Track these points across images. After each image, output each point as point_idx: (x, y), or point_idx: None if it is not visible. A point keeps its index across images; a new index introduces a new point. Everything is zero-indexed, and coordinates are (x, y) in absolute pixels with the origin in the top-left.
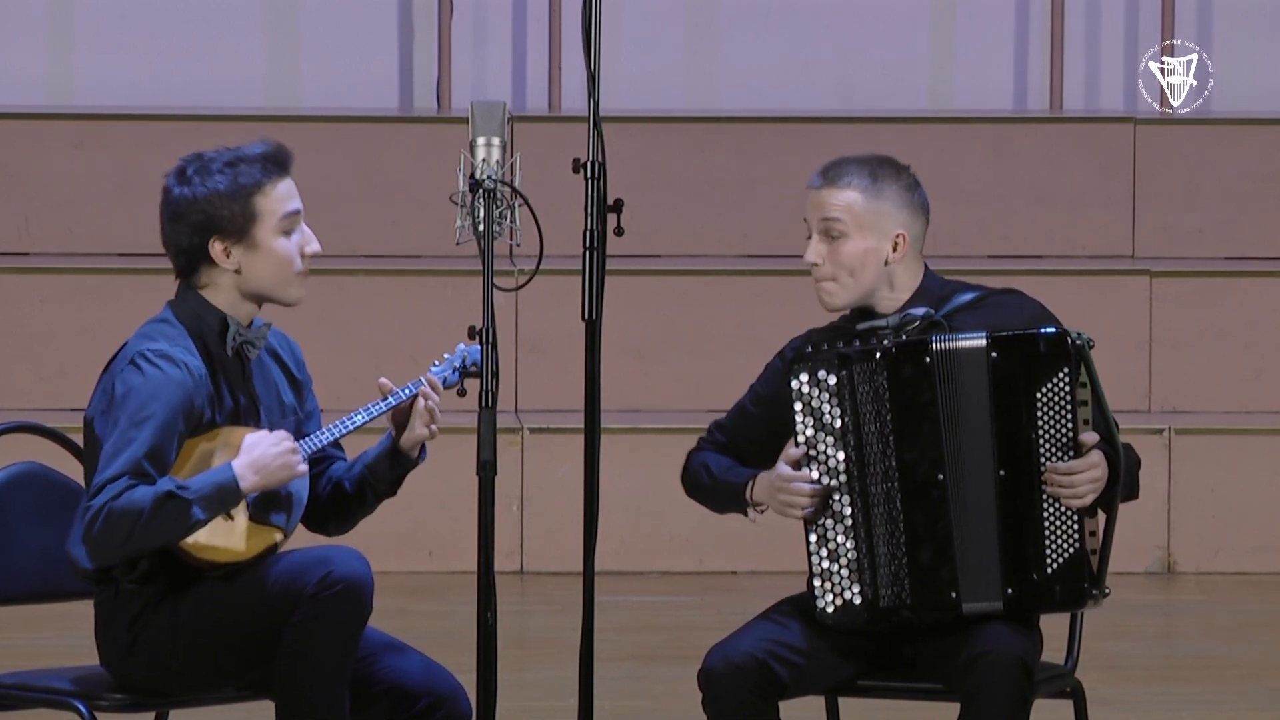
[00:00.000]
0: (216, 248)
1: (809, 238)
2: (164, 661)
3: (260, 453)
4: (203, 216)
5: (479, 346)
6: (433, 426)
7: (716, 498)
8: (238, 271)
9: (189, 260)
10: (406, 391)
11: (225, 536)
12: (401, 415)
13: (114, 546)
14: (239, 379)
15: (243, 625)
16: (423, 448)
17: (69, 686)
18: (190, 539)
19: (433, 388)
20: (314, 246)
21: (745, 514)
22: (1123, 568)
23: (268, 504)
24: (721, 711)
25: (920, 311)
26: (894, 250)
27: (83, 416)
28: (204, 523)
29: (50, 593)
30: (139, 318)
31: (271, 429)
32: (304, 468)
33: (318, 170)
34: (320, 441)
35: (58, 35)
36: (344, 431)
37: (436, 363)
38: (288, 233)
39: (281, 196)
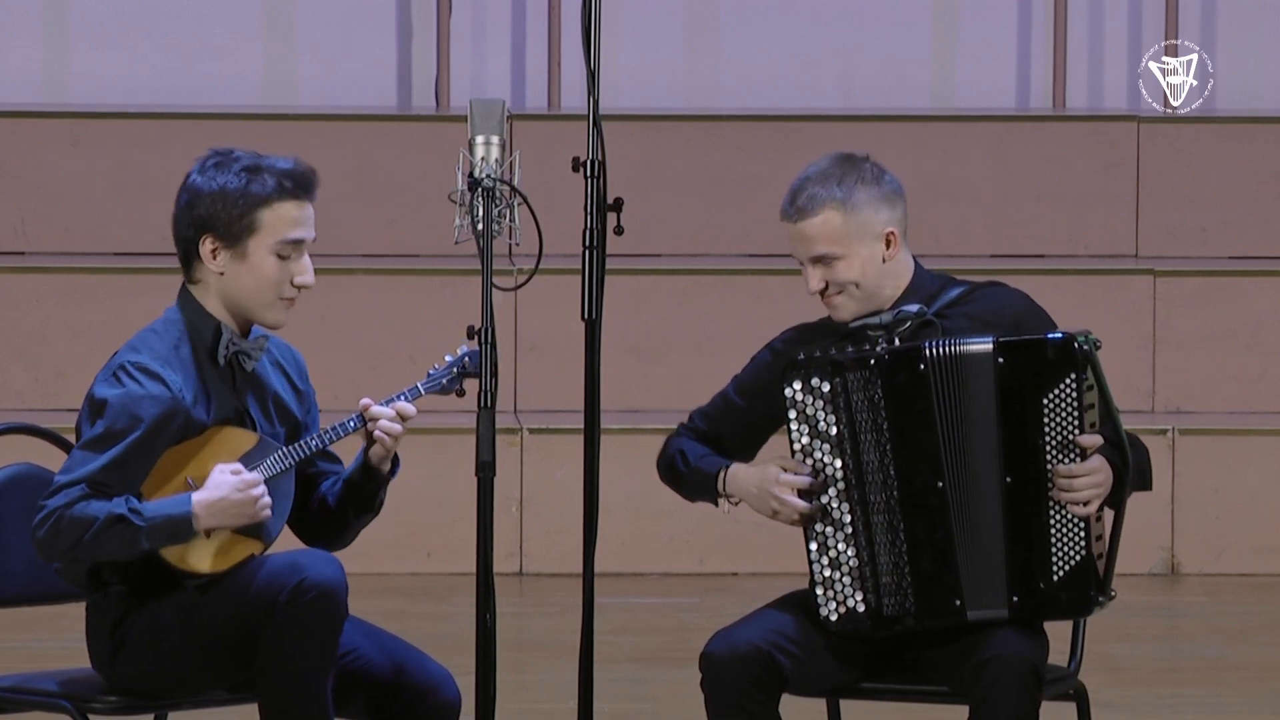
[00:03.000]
0: (206, 246)
1: (802, 265)
2: (146, 666)
3: (222, 495)
4: (204, 210)
5: (475, 349)
6: (387, 441)
7: (689, 485)
8: (221, 274)
9: (184, 251)
10: (353, 424)
11: (204, 546)
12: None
13: (59, 551)
14: (229, 389)
15: (219, 632)
16: (395, 461)
17: (62, 689)
18: (168, 548)
19: (389, 420)
20: (306, 279)
21: (715, 504)
22: (1126, 569)
23: None
24: (719, 697)
25: (914, 309)
26: (888, 247)
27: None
28: (150, 551)
29: (43, 595)
30: (136, 317)
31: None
32: (266, 514)
33: (315, 168)
34: (282, 464)
35: (53, 33)
36: (301, 455)
37: (435, 366)
38: (284, 256)
39: (288, 219)
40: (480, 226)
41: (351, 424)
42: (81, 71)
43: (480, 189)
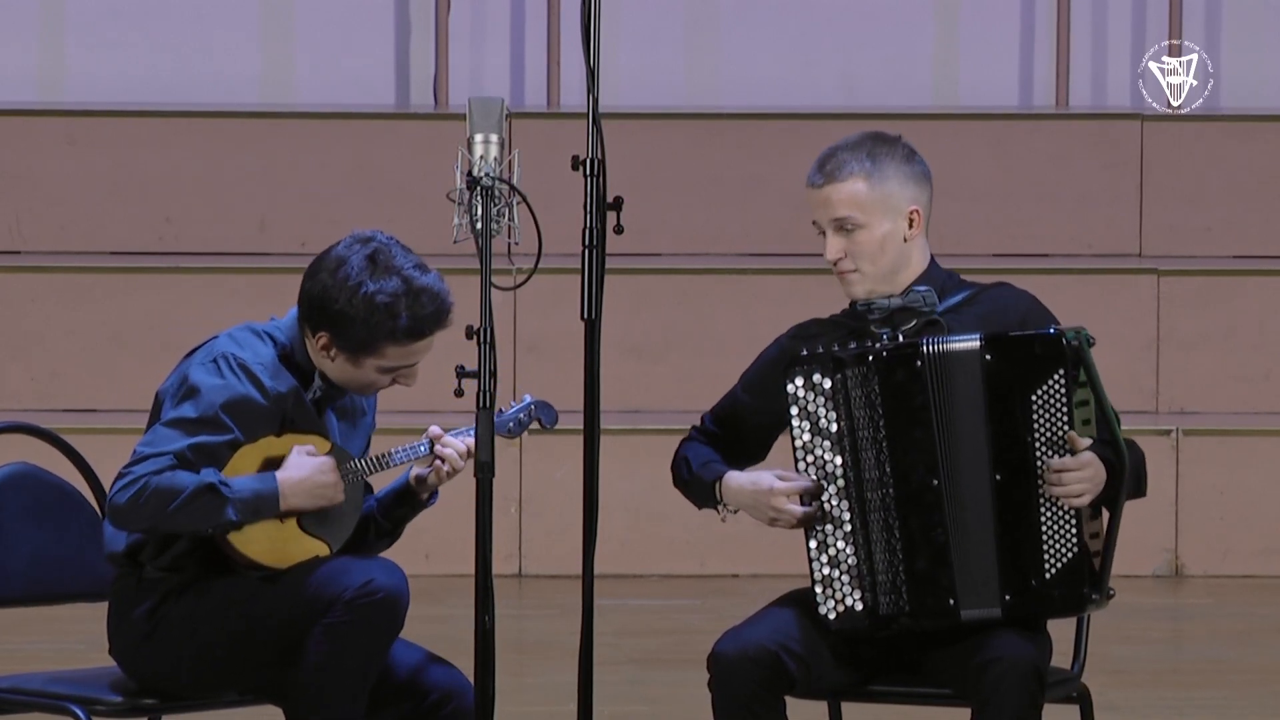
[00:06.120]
0: (323, 338)
1: (821, 234)
2: (178, 654)
3: (305, 475)
4: (336, 310)
5: (548, 408)
6: (444, 470)
7: (693, 493)
8: (330, 361)
9: (301, 311)
10: (423, 448)
11: (273, 540)
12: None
13: (140, 518)
14: (312, 418)
15: (267, 624)
16: (434, 493)
17: (65, 690)
18: (238, 535)
19: (457, 454)
20: (407, 383)
21: (717, 511)
22: (1130, 571)
23: (321, 519)
24: (727, 697)
25: (924, 289)
26: (910, 226)
27: (154, 392)
28: (235, 525)
29: (42, 596)
30: (133, 317)
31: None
32: (341, 497)
33: (313, 167)
34: (355, 474)
35: (49, 31)
36: (375, 470)
37: (501, 409)
38: (390, 371)
39: (408, 353)
40: (479, 226)
41: (423, 448)
42: (78, 70)
43: (479, 188)
